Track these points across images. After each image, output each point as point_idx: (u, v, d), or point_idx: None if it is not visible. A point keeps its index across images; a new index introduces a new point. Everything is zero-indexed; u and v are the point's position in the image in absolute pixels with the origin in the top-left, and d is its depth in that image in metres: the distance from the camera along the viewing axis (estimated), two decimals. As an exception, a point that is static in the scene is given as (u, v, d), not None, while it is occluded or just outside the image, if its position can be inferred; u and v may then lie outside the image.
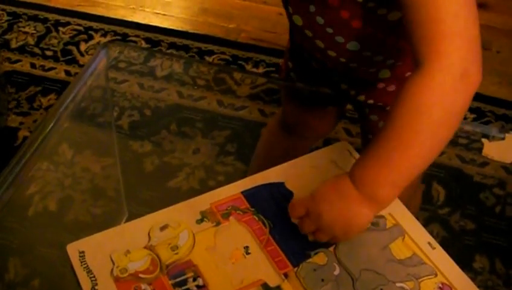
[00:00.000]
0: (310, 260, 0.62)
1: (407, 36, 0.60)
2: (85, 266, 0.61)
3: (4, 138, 1.42)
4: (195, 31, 1.75)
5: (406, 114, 0.57)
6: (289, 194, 0.68)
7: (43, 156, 0.76)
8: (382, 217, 0.66)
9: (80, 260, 0.61)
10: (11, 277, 0.85)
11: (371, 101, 0.82)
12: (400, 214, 0.67)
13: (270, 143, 1.02)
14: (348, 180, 0.60)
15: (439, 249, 0.64)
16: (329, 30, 0.71)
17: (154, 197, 1.10)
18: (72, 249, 0.62)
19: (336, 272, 0.61)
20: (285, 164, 0.72)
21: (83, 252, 0.62)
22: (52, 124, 0.76)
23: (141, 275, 0.60)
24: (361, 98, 0.82)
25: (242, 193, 0.68)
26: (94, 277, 0.60)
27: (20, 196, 0.76)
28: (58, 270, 0.78)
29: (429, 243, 0.64)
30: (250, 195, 0.68)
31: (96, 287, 0.59)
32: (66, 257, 0.62)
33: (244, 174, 0.72)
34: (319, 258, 0.63)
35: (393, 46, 0.72)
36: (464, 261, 0.65)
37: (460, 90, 0.57)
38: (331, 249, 0.63)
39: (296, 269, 0.61)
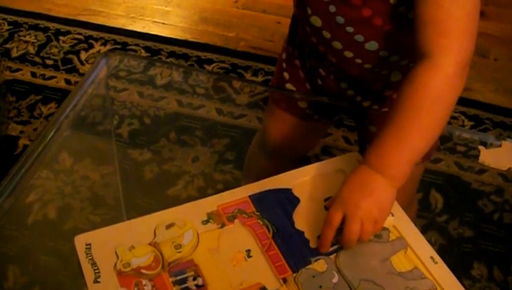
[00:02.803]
0: (310, 266, 0.63)
1: (415, 28, 0.65)
2: (90, 258, 0.62)
3: (4, 146, 1.42)
4: (195, 40, 1.76)
5: (419, 99, 0.64)
6: (295, 201, 0.69)
7: (44, 165, 0.76)
8: (386, 229, 0.66)
9: (86, 252, 0.62)
10: (10, 284, 0.85)
11: (375, 107, 0.83)
12: (404, 226, 0.67)
13: (252, 163, 1.02)
14: (367, 168, 0.64)
15: (441, 263, 0.64)
16: (350, 29, 0.72)
17: (153, 205, 1.10)
18: (80, 241, 0.63)
19: (335, 280, 0.62)
20: (294, 171, 0.72)
21: (89, 244, 0.63)
22: (52, 133, 0.76)
23: (143, 271, 0.61)
24: (367, 104, 0.83)
25: (249, 196, 0.69)
26: (98, 269, 0.61)
27: (20, 204, 0.77)
28: (57, 278, 0.78)
29: (432, 257, 0.64)
30: (257, 199, 0.68)
31: (98, 280, 0.60)
32: (65, 264, 0.62)
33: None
34: (319, 265, 0.63)
35: (409, 46, 0.73)
36: (462, 269, 0.65)
37: (463, 77, 0.65)
38: (332, 257, 0.64)
39: (295, 274, 0.62)
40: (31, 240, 0.89)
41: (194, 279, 0.61)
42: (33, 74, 1.62)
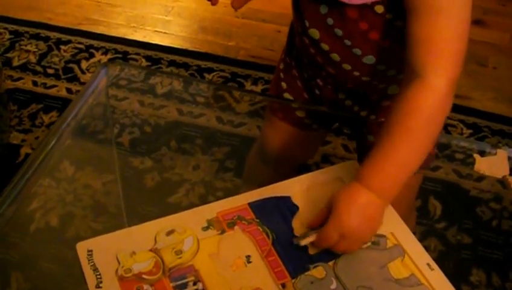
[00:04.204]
0: (309, 272, 0.63)
1: (407, 46, 0.65)
2: (92, 264, 0.63)
3: (6, 154, 1.43)
4: (195, 49, 1.77)
5: (413, 119, 0.64)
6: (294, 208, 0.69)
7: (45, 173, 0.77)
8: (383, 236, 0.67)
9: (87, 258, 0.63)
10: (13, 292, 0.85)
11: (373, 117, 0.83)
12: (401, 234, 0.68)
13: (251, 171, 1.03)
14: (361, 187, 0.64)
15: (438, 270, 0.64)
16: (348, 42, 0.73)
17: (154, 213, 1.10)
18: (81, 248, 0.64)
19: (333, 287, 0.62)
20: (293, 179, 0.73)
21: (91, 251, 0.64)
22: (54, 141, 0.77)
23: (144, 276, 0.62)
24: (364, 113, 0.83)
25: (249, 204, 0.70)
26: (100, 275, 0.62)
27: (23, 212, 0.77)
28: (60, 284, 0.78)
29: (428, 264, 0.65)
30: (256, 206, 0.69)
31: (100, 285, 0.61)
32: (67, 271, 0.63)
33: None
34: (318, 271, 0.64)
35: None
36: (460, 275, 0.66)
37: (452, 96, 0.66)
38: (330, 264, 0.64)
39: (293, 280, 0.63)
40: (33, 247, 0.90)
41: (194, 284, 0.62)
42: (34, 83, 1.63)
